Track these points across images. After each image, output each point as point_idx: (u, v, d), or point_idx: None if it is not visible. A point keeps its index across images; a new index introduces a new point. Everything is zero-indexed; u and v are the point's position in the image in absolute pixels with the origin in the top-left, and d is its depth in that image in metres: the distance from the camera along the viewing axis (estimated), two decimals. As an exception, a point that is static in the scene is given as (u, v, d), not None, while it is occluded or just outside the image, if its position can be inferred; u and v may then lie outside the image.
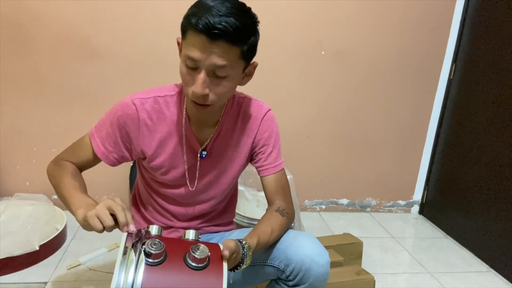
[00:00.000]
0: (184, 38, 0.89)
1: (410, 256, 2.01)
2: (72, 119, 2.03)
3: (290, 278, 1.03)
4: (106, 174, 1.11)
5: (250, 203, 1.97)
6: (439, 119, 2.36)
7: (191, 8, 0.88)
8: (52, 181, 1.03)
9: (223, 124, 1.08)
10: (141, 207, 1.22)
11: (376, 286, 1.57)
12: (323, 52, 2.15)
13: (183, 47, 0.91)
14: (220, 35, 0.83)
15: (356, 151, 2.36)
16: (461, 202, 2.18)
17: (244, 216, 1.83)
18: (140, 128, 1.03)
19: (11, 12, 1.85)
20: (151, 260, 0.77)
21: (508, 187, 1.86)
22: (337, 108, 2.26)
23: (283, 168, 1.15)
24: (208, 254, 0.80)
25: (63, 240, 1.83)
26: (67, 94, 2.00)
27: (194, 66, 0.88)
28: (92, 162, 1.08)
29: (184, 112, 1.04)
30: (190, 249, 0.79)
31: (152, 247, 0.77)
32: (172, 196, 1.14)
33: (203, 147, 1.08)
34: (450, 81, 2.29)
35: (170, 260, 0.79)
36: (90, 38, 1.94)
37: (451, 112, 2.29)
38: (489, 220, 1.98)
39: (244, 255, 0.90)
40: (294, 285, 1.03)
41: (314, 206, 2.44)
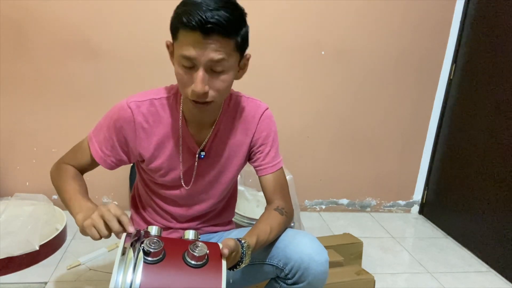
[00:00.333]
0: (176, 39, 0.89)
1: (410, 256, 2.01)
2: (72, 119, 2.03)
3: (289, 276, 1.03)
4: (106, 174, 1.11)
5: (250, 203, 1.97)
6: (439, 119, 2.36)
7: (178, 8, 0.88)
8: (54, 184, 1.05)
9: (221, 124, 1.08)
10: (140, 208, 1.22)
11: (376, 286, 1.57)
12: (323, 52, 2.15)
13: (175, 48, 0.90)
14: (214, 29, 0.83)
15: (356, 151, 2.36)
16: (461, 202, 2.18)
17: (244, 216, 1.83)
18: (137, 131, 1.03)
19: (11, 12, 1.85)
20: (150, 259, 0.77)
21: (509, 187, 1.86)
22: (337, 108, 2.26)
23: (282, 167, 1.15)
24: (207, 252, 0.79)
25: (63, 240, 1.83)
26: (67, 94, 2.00)
27: (191, 65, 0.88)
28: (92, 166, 1.08)
29: (180, 113, 1.04)
30: (189, 247, 0.79)
31: (150, 245, 0.77)
32: (171, 197, 1.14)
33: (201, 147, 1.08)
34: (450, 81, 2.29)
35: (168, 258, 0.79)
36: (90, 38, 1.94)
37: (451, 112, 2.29)
38: (489, 220, 1.97)
39: (243, 254, 0.90)
40: (293, 283, 1.03)
41: (314, 206, 2.44)
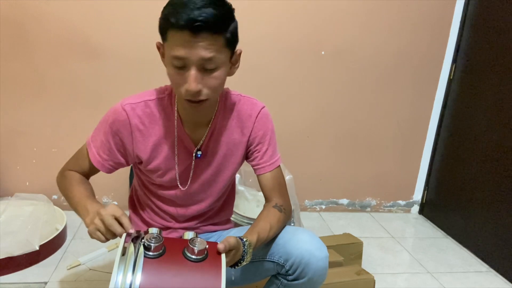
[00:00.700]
0: (165, 39, 0.89)
1: (410, 256, 2.01)
2: (72, 119, 2.03)
3: (290, 272, 1.03)
4: (106, 175, 1.12)
5: (250, 203, 1.97)
6: (439, 119, 2.36)
7: (165, 9, 0.88)
8: (62, 192, 1.06)
9: (217, 123, 1.08)
10: (138, 208, 1.22)
11: (376, 286, 1.57)
12: (323, 52, 2.15)
13: (166, 49, 0.90)
14: (202, 27, 0.83)
15: (356, 151, 2.36)
16: (461, 202, 2.18)
17: (244, 216, 1.83)
18: (133, 133, 1.03)
19: (11, 12, 1.85)
20: (150, 253, 0.78)
21: (508, 187, 1.86)
22: (337, 108, 2.26)
23: (279, 165, 1.15)
24: (206, 247, 0.81)
25: (63, 240, 1.83)
26: (67, 94, 2.00)
27: (182, 64, 0.88)
28: (93, 170, 1.10)
29: (176, 113, 1.04)
30: (188, 242, 0.81)
31: (151, 240, 0.79)
32: (169, 198, 1.14)
33: (198, 147, 1.08)
34: (450, 81, 2.29)
35: (169, 254, 0.80)
36: (90, 38, 1.94)
37: (451, 112, 2.29)
38: (489, 220, 1.97)
39: (245, 252, 0.91)
40: (294, 279, 1.03)
41: (314, 206, 2.44)
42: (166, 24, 0.86)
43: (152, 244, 0.78)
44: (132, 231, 0.82)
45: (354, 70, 2.21)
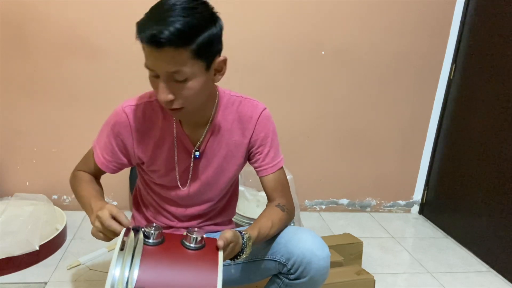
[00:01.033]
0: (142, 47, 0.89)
1: (410, 256, 2.01)
2: (72, 119, 2.03)
3: (291, 271, 1.03)
4: (106, 175, 1.14)
5: (250, 203, 1.97)
6: (439, 119, 2.36)
7: (143, 16, 0.88)
8: (73, 192, 1.10)
9: (216, 123, 1.08)
10: (142, 207, 1.23)
11: (376, 286, 1.57)
12: (323, 52, 2.15)
13: None
14: (164, 43, 0.82)
15: (356, 151, 2.36)
16: (461, 202, 2.18)
17: (244, 216, 1.83)
18: (134, 135, 1.05)
19: (11, 12, 1.85)
20: (150, 241, 0.82)
21: (508, 187, 1.86)
22: (337, 108, 2.26)
23: (282, 166, 1.15)
24: (204, 236, 0.85)
25: (63, 240, 1.83)
26: (67, 94, 2.00)
27: (154, 74, 0.89)
28: (100, 171, 1.12)
29: None
30: (187, 231, 0.85)
31: (151, 228, 0.83)
32: (170, 198, 1.14)
33: (196, 147, 1.08)
34: (450, 81, 2.29)
35: (168, 242, 0.84)
36: (90, 38, 1.94)
37: (451, 112, 2.29)
38: (489, 220, 1.97)
39: (244, 245, 0.92)
40: (295, 278, 1.04)
41: (314, 206, 2.44)
42: (136, 34, 0.86)
43: (152, 232, 0.82)
44: (130, 226, 0.85)
45: (354, 70, 2.21)
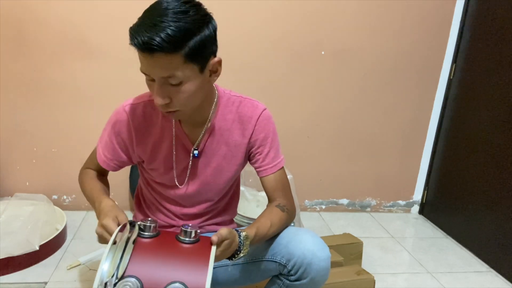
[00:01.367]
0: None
1: (410, 256, 2.01)
2: (72, 119, 2.03)
3: (292, 272, 1.03)
4: (109, 174, 1.14)
5: (250, 203, 1.97)
6: (439, 119, 2.36)
7: (136, 21, 0.88)
8: (81, 189, 1.13)
9: (215, 123, 1.08)
10: (144, 206, 1.24)
11: (376, 286, 1.57)
12: (323, 52, 2.15)
13: None
14: (155, 49, 0.82)
15: (356, 151, 2.36)
16: (461, 202, 2.18)
17: (244, 216, 1.83)
18: (134, 133, 1.06)
19: (11, 12, 1.85)
20: (146, 234, 0.86)
21: (508, 187, 1.86)
22: (337, 108, 2.26)
23: (283, 167, 1.15)
24: (198, 231, 0.88)
25: (63, 240, 1.83)
26: (67, 94, 2.00)
27: (150, 78, 0.90)
28: (104, 169, 1.14)
29: None
30: (182, 226, 0.88)
31: (146, 221, 0.87)
32: (170, 197, 1.15)
33: (195, 146, 1.08)
34: (450, 81, 2.29)
35: (163, 236, 0.88)
36: (90, 38, 1.94)
37: (451, 112, 2.29)
38: (489, 220, 1.97)
39: (241, 243, 0.93)
40: (296, 279, 1.04)
41: (314, 206, 2.44)
42: (129, 40, 0.86)
43: (148, 225, 0.86)
44: (125, 221, 0.88)
45: (354, 70, 2.21)
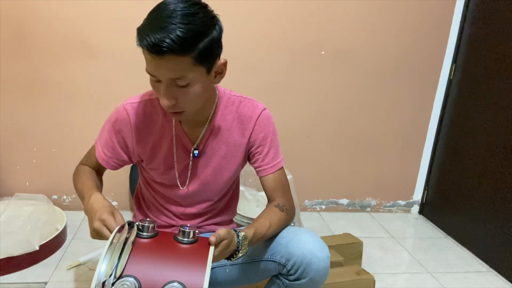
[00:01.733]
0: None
1: (410, 256, 2.01)
2: (72, 119, 2.03)
3: (291, 272, 1.03)
4: (106, 174, 1.14)
5: (250, 203, 1.97)
6: (439, 119, 2.36)
7: (143, 21, 0.87)
8: (73, 184, 1.11)
9: (216, 123, 1.08)
10: (144, 206, 1.23)
11: (376, 286, 1.57)
12: (323, 52, 2.15)
13: None
14: (165, 51, 0.81)
15: (356, 151, 2.36)
16: (461, 202, 2.18)
17: (244, 216, 1.83)
18: (134, 132, 1.06)
19: (12, 12, 1.85)
20: (144, 234, 0.86)
21: (509, 187, 1.86)
22: (337, 108, 2.26)
23: (282, 167, 1.15)
24: (196, 231, 0.87)
25: (63, 240, 1.83)
26: (67, 94, 2.00)
27: (156, 79, 0.89)
28: (102, 167, 1.13)
29: None
30: (180, 226, 0.88)
31: (145, 222, 0.87)
32: (170, 196, 1.15)
33: (195, 146, 1.09)
34: (450, 81, 2.29)
35: (161, 236, 0.88)
36: (90, 38, 1.94)
37: (451, 112, 2.29)
38: (489, 220, 1.97)
39: (239, 243, 0.93)
40: (295, 279, 1.04)
41: (314, 206, 2.44)
42: (137, 40, 0.85)
43: (146, 225, 0.85)
44: (122, 221, 0.87)
45: (354, 70, 2.21)
